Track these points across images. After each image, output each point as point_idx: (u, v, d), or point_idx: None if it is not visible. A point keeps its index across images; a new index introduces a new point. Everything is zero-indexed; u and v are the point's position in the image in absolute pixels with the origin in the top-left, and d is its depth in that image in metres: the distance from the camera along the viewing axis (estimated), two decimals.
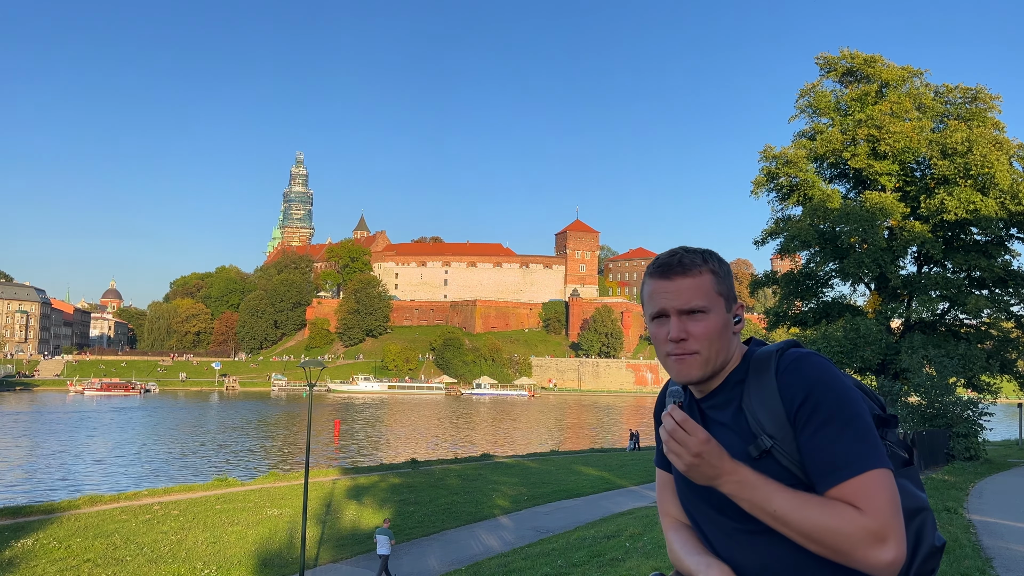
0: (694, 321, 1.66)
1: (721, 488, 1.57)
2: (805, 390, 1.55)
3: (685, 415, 1.58)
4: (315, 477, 26.53)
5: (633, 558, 12.60)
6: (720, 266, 1.72)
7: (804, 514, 1.48)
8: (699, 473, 1.57)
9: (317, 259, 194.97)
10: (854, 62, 27.38)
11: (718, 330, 1.67)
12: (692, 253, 1.72)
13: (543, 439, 61.55)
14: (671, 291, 1.68)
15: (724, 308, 1.69)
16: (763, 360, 1.66)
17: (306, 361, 18.75)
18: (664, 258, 1.74)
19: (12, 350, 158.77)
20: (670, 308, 1.68)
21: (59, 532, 18.64)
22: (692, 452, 1.55)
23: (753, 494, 1.53)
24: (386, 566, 15.58)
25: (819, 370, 1.57)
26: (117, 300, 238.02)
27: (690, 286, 1.67)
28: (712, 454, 1.55)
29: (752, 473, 1.55)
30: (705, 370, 1.67)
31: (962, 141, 23.83)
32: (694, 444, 1.55)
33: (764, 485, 1.53)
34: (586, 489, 27.11)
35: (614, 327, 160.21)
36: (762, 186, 28.04)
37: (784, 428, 1.56)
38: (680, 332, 1.66)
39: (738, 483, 1.54)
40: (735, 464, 1.56)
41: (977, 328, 26.63)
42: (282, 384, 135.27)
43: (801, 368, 1.59)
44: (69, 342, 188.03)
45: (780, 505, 1.50)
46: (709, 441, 1.55)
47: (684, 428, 1.56)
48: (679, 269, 1.69)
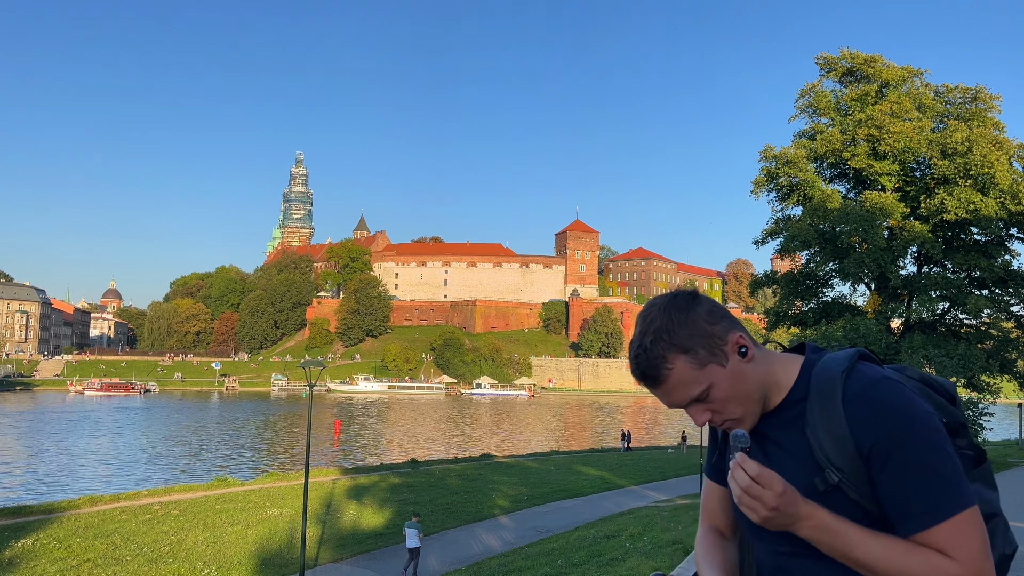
0: (707, 403, 1.52)
1: (798, 533, 1.43)
2: (883, 427, 1.39)
3: (759, 467, 1.39)
4: (315, 477, 26.54)
5: (633, 558, 12.60)
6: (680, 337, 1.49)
7: (892, 563, 1.36)
8: (775, 524, 1.41)
9: (317, 259, 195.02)
10: (854, 62, 27.38)
11: (732, 388, 1.51)
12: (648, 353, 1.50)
13: (543, 439, 61.55)
14: (663, 397, 1.54)
15: (720, 366, 1.50)
16: (827, 383, 1.48)
17: (306, 361, 18.77)
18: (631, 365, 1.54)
19: (12, 350, 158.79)
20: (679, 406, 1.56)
21: (59, 532, 18.65)
22: (769, 507, 1.38)
23: (834, 540, 1.40)
24: (416, 559, 15.80)
25: (896, 402, 1.40)
26: (117, 300, 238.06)
27: (673, 386, 1.51)
28: (789, 504, 1.39)
29: (829, 516, 1.41)
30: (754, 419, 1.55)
31: (962, 141, 23.83)
32: (771, 498, 1.38)
33: (844, 530, 1.40)
34: (586, 489, 27.12)
35: (614, 327, 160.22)
36: (762, 186, 28.03)
37: (854, 462, 1.42)
38: (703, 417, 1.54)
39: (816, 528, 1.41)
40: (811, 507, 1.41)
41: (977, 328, 26.63)
42: (282, 384, 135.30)
43: (875, 399, 1.42)
44: (69, 342, 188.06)
45: (865, 552, 1.38)
46: (785, 493, 1.38)
47: (759, 482, 1.38)
48: (652, 381, 1.52)
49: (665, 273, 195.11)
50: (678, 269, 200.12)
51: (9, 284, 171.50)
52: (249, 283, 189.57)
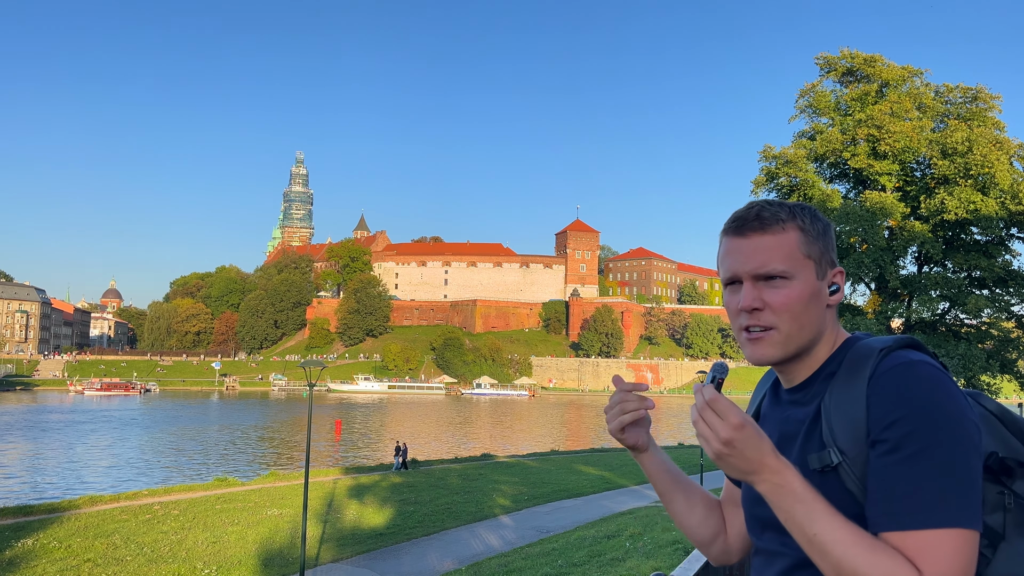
0: (772, 289, 1.35)
1: (756, 486, 1.26)
2: (900, 410, 1.20)
3: (716, 393, 1.26)
4: (315, 477, 26.54)
5: (633, 558, 12.60)
6: (812, 222, 1.40)
7: (848, 551, 1.17)
8: (729, 464, 1.25)
9: (317, 259, 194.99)
10: (854, 62, 27.36)
11: (803, 301, 1.34)
12: (775, 206, 1.40)
13: (543, 439, 61.57)
14: (745, 252, 1.37)
15: (813, 273, 1.36)
16: (861, 357, 1.31)
17: (306, 361, 18.77)
18: (740, 211, 1.41)
19: (12, 350, 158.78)
20: (743, 272, 1.37)
21: (59, 532, 18.65)
22: (721, 438, 1.23)
23: (794, 506, 1.22)
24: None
25: (927, 387, 1.21)
26: (117, 300, 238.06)
27: (769, 245, 1.36)
28: (747, 444, 1.22)
29: (801, 482, 1.24)
30: (785, 350, 1.36)
31: (962, 141, 23.82)
32: (724, 429, 1.22)
33: (811, 500, 1.22)
34: (586, 489, 27.14)
35: (614, 327, 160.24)
36: (762, 186, 28.01)
37: (860, 446, 1.25)
38: (753, 301, 1.35)
39: (778, 486, 1.23)
40: (781, 463, 1.24)
41: (977, 328, 26.61)
42: (282, 384, 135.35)
43: (903, 380, 1.23)
44: (69, 342, 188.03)
45: (823, 530, 1.19)
46: (743, 427, 1.22)
47: (714, 408, 1.24)
48: (756, 225, 1.37)
49: (665, 273, 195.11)
50: (678, 269, 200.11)
51: (9, 284, 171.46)
52: (249, 283, 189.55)
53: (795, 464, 1.30)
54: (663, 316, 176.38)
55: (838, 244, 21.02)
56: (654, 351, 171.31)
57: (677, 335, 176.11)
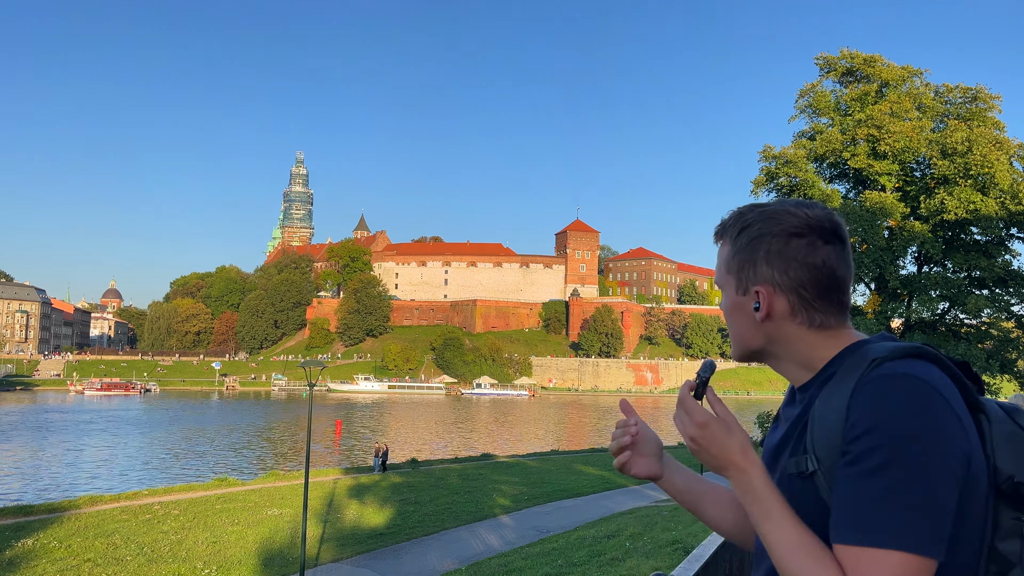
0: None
1: (728, 481, 1.33)
2: (868, 422, 1.16)
3: (685, 394, 1.37)
4: (316, 477, 26.54)
5: (633, 558, 12.61)
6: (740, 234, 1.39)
7: (788, 553, 1.19)
8: (700, 458, 1.35)
9: (317, 259, 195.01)
10: (854, 62, 27.36)
11: (728, 312, 1.44)
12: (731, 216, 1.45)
13: (543, 439, 61.57)
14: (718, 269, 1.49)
15: (733, 288, 1.41)
16: (856, 364, 1.27)
17: (306, 361, 18.76)
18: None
19: (12, 350, 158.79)
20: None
21: (59, 532, 18.65)
22: (687, 434, 1.34)
23: (753, 503, 1.26)
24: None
25: (901, 402, 1.15)
26: (117, 300, 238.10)
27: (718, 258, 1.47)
28: (711, 441, 1.30)
29: (762, 481, 1.26)
30: (737, 351, 1.45)
31: (962, 141, 23.82)
32: (689, 427, 1.33)
33: (767, 500, 1.24)
34: (586, 488, 27.14)
35: (614, 327, 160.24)
36: (762, 186, 28.02)
37: (834, 455, 1.21)
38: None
39: (743, 483, 1.28)
40: (748, 462, 1.28)
41: (977, 328, 26.61)
42: (282, 384, 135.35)
43: (880, 392, 1.18)
44: (69, 342, 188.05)
45: (771, 529, 1.22)
46: (705, 426, 1.30)
47: (683, 408, 1.36)
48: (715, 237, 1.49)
49: (665, 273, 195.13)
50: (678, 269, 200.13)
51: (9, 284, 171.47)
52: (249, 283, 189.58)
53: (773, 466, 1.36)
54: (663, 316, 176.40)
55: None
56: (654, 351, 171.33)
57: (677, 335, 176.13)
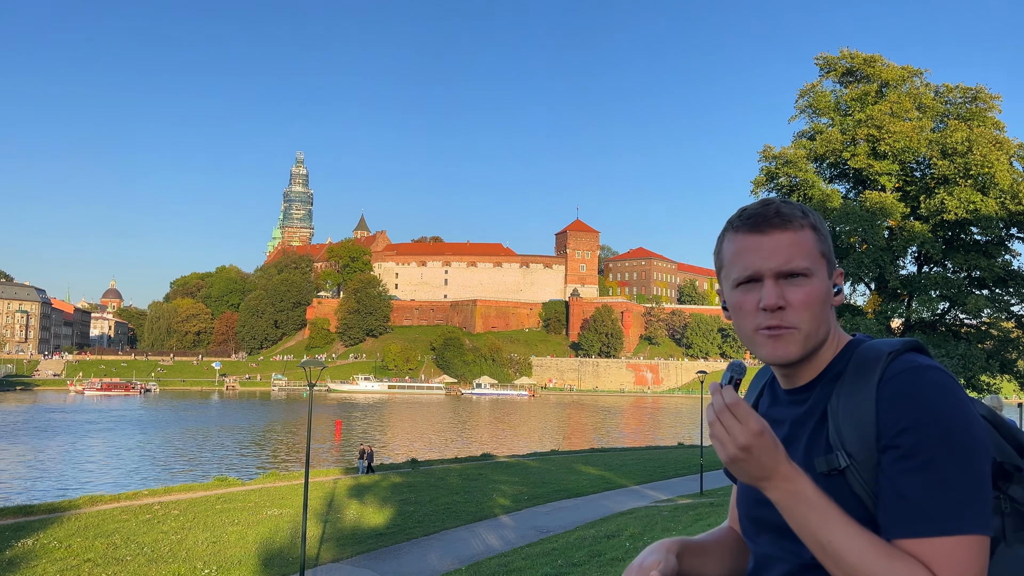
0: (794, 287, 1.33)
1: (768, 493, 1.26)
2: (912, 416, 1.20)
3: (737, 397, 1.25)
4: (316, 477, 26.55)
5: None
6: (821, 222, 1.41)
7: (866, 558, 1.17)
8: (742, 470, 1.24)
9: (317, 259, 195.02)
10: (854, 62, 27.36)
11: (821, 300, 1.34)
12: (791, 204, 1.39)
13: (543, 439, 61.58)
14: (766, 248, 1.34)
15: (827, 273, 1.37)
16: (869, 360, 1.31)
17: (306, 361, 18.76)
18: (756, 208, 1.39)
19: (12, 350, 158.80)
20: (765, 270, 1.34)
21: (59, 532, 18.66)
22: (739, 443, 1.21)
23: (808, 513, 1.22)
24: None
25: (936, 394, 1.21)
26: (117, 300, 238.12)
27: (791, 243, 1.34)
28: (764, 451, 1.22)
29: (814, 489, 1.23)
30: (804, 349, 1.34)
31: (962, 141, 23.82)
32: (743, 435, 1.21)
33: (824, 507, 1.22)
34: (586, 488, 27.14)
35: (614, 327, 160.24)
36: (762, 186, 28.01)
37: (869, 450, 1.24)
38: (778, 299, 1.32)
39: (791, 493, 1.23)
40: (794, 470, 1.24)
41: (977, 328, 26.61)
42: (282, 384, 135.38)
43: (913, 386, 1.22)
44: (69, 342, 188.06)
45: (838, 537, 1.19)
46: (763, 434, 1.22)
47: (734, 412, 1.22)
48: (777, 222, 1.35)
49: (665, 273, 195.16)
50: (678, 269, 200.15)
51: (9, 284, 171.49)
52: (249, 283, 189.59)
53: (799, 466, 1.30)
54: (663, 316, 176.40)
55: (838, 244, 21.02)
56: (654, 351, 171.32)
57: (677, 335, 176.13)
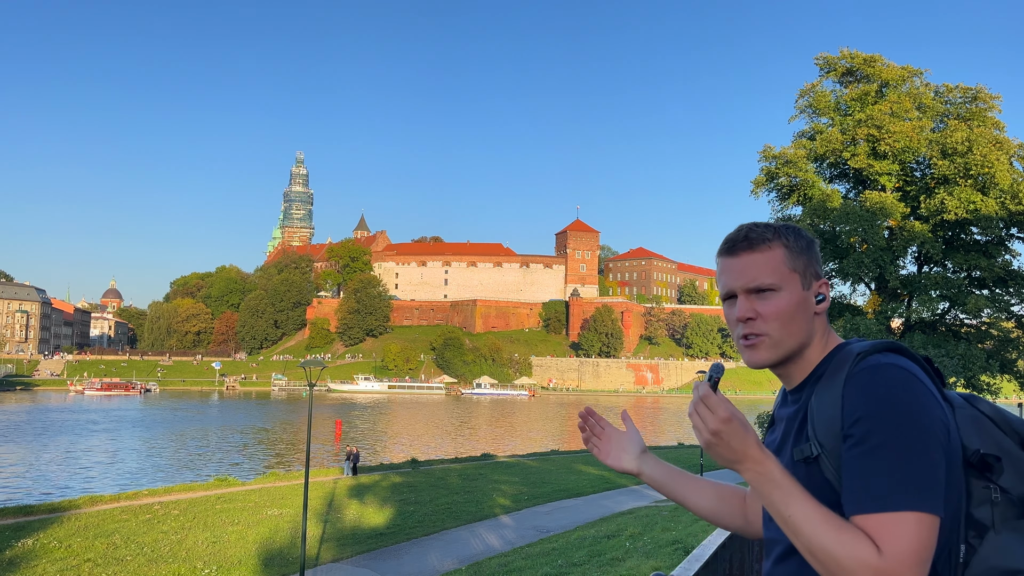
0: (763, 300, 1.53)
1: (742, 474, 1.45)
2: (864, 407, 1.37)
3: (709, 391, 1.45)
4: (316, 477, 26.55)
5: (633, 558, 12.61)
6: (795, 239, 1.57)
7: (817, 529, 1.33)
8: (717, 453, 1.44)
9: (317, 259, 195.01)
10: (854, 62, 27.34)
11: (790, 310, 1.52)
12: (761, 227, 1.59)
13: (543, 439, 61.57)
14: (736, 269, 1.56)
15: (799, 285, 1.54)
16: (842, 360, 1.49)
17: (306, 361, 18.76)
18: (731, 234, 1.61)
19: (12, 350, 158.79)
20: (736, 288, 1.56)
21: (59, 532, 18.67)
22: (710, 428, 1.42)
23: (773, 491, 1.39)
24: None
25: (889, 387, 1.37)
26: (117, 300, 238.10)
27: (757, 262, 1.55)
28: (733, 435, 1.41)
29: (779, 470, 1.41)
30: (775, 354, 1.54)
31: (962, 141, 23.81)
32: (712, 421, 1.42)
33: (788, 486, 1.39)
34: (586, 488, 27.15)
35: (614, 327, 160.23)
36: (762, 186, 28.00)
37: (836, 440, 1.41)
38: (746, 311, 1.54)
39: (759, 474, 1.41)
40: (763, 454, 1.42)
41: (977, 328, 26.60)
42: (282, 384, 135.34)
43: (869, 381, 1.39)
44: (69, 342, 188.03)
45: (796, 512, 1.36)
46: (730, 421, 1.41)
47: (706, 403, 1.43)
48: (744, 244, 1.57)
49: (665, 273, 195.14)
50: (678, 269, 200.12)
51: (9, 284, 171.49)
52: (249, 283, 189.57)
53: (787, 457, 1.51)
54: (663, 316, 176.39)
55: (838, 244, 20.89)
56: (654, 351, 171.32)
57: (677, 335, 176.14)
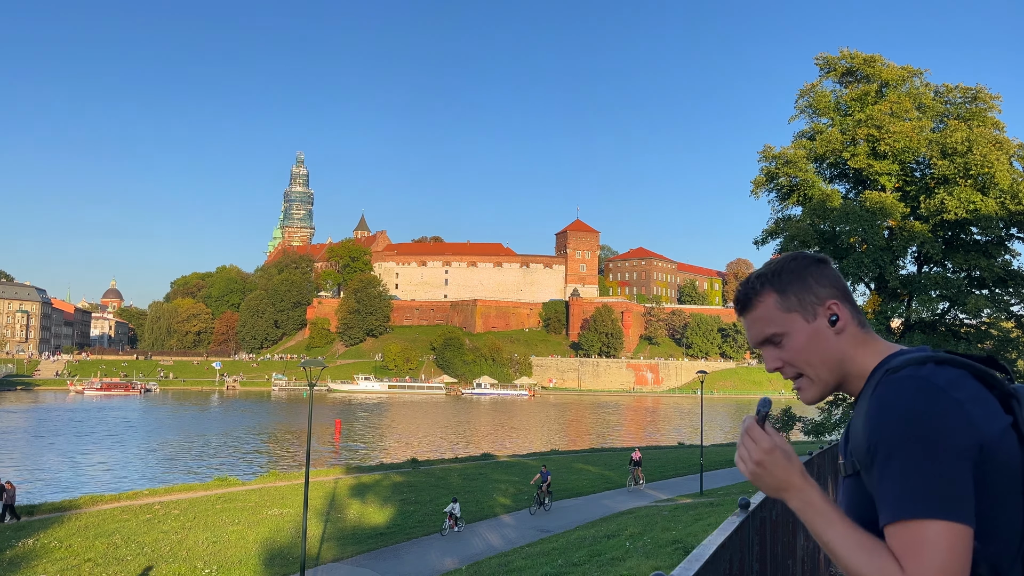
0: (779, 348, 1.61)
1: (788, 503, 1.48)
2: (876, 419, 1.40)
3: (753, 423, 1.50)
4: (316, 476, 26.56)
5: (633, 558, 12.62)
6: (781, 279, 1.62)
7: (851, 553, 1.36)
8: (763, 483, 1.48)
9: (318, 259, 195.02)
10: (854, 62, 27.35)
11: (807, 346, 1.58)
12: (750, 283, 1.67)
13: (543, 439, 61.57)
14: (746, 328, 1.67)
15: (802, 320, 1.59)
16: (875, 374, 1.53)
17: (306, 361, 18.78)
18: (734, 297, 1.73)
19: (13, 350, 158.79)
20: (753, 344, 1.67)
21: (60, 532, 18.69)
22: (754, 459, 1.47)
23: (815, 518, 1.43)
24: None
25: (901, 398, 1.38)
26: (118, 300, 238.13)
27: (757, 319, 1.63)
28: (776, 465, 1.46)
29: (821, 497, 1.45)
30: (820, 389, 1.61)
31: (962, 141, 23.81)
32: (755, 452, 1.48)
33: (828, 512, 1.42)
34: (586, 488, 27.17)
35: (614, 327, 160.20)
36: (762, 186, 28.02)
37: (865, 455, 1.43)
38: (773, 362, 1.63)
39: (803, 502, 1.45)
40: (806, 482, 1.46)
41: (977, 328, 26.60)
42: (283, 384, 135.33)
43: (885, 395, 1.41)
44: (70, 342, 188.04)
45: (834, 536, 1.40)
46: (773, 451, 1.46)
47: (750, 435, 1.49)
48: (740, 308, 1.67)
49: (665, 273, 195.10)
50: (678, 269, 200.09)
51: (10, 284, 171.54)
52: (250, 283, 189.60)
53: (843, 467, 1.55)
54: (663, 316, 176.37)
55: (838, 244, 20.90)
56: (654, 351, 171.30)
57: (677, 335, 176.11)
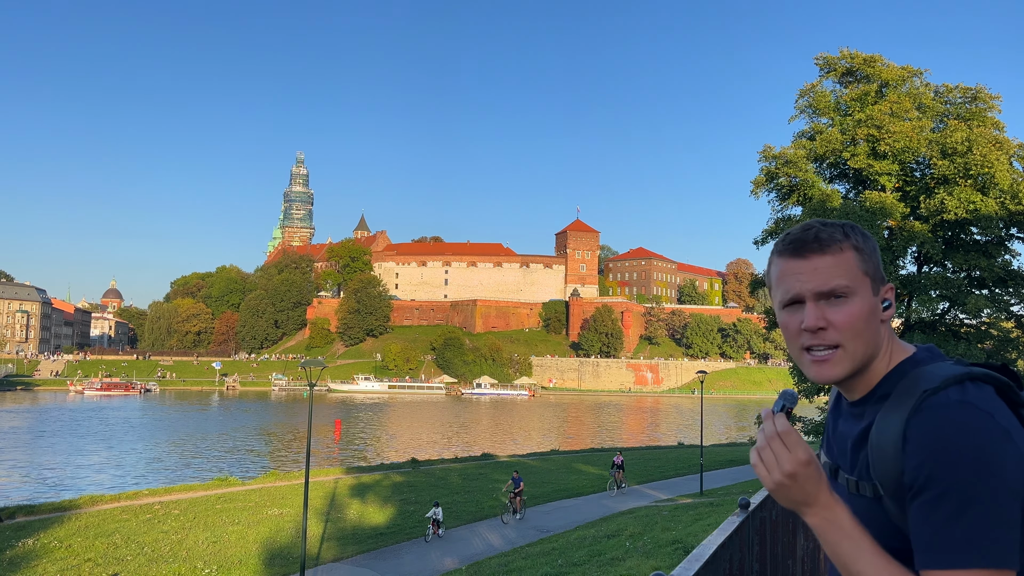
0: (834, 307, 1.39)
1: (806, 518, 1.31)
2: (925, 453, 1.24)
3: (789, 426, 1.30)
4: (316, 476, 26.56)
5: (633, 558, 12.62)
6: (864, 241, 1.44)
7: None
8: (785, 495, 1.30)
9: (318, 259, 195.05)
10: (854, 62, 27.37)
11: (864, 317, 1.38)
12: (830, 226, 1.45)
13: (543, 439, 61.59)
14: (805, 271, 1.41)
15: (870, 290, 1.41)
16: (910, 388, 1.33)
17: (306, 361, 18.78)
18: (796, 233, 1.46)
19: (13, 350, 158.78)
20: (805, 292, 1.40)
21: (60, 532, 18.69)
22: (785, 470, 1.27)
23: (842, 541, 1.27)
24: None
25: (955, 433, 1.23)
26: (118, 300, 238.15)
27: (829, 264, 1.40)
28: (808, 479, 1.28)
29: (849, 518, 1.29)
30: (851, 368, 1.40)
31: (962, 141, 23.82)
32: (790, 463, 1.27)
33: (858, 537, 1.27)
34: (586, 488, 27.17)
35: (614, 327, 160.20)
36: (762, 186, 28.04)
37: (896, 482, 1.29)
38: (818, 320, 1.38)
39: (828, 521, 1.29)
40: (833, 500, 1.30)
41: (977, 328, 26.62)
42: (282, 384, 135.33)
43: (935, 424, 1.25)
44: (70, 342, 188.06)
45: (865, 567, 1.25)
46: (809, 464, 1.28)
47: (784, 440, 1.28)
48: (815, 246, 1.42)
49: (665, 273, 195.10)
50: (678, 269, 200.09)
51: (10, 284, 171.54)
52: (250, 283, 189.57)
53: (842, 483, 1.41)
54: (663, 316, 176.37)
55: None
56: (654, 351, 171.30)
57: (677, 335, 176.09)
